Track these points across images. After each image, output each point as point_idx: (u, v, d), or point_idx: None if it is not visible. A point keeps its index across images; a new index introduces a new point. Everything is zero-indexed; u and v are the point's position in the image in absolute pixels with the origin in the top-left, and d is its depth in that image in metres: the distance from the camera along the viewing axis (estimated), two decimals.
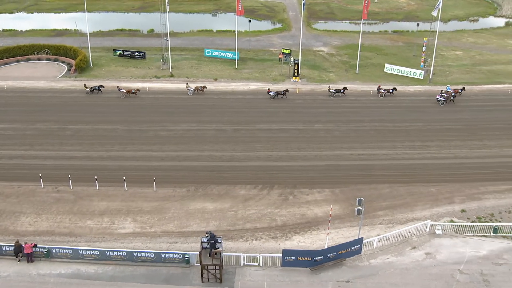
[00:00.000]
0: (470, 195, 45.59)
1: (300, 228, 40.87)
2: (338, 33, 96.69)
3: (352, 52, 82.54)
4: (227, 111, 60.95)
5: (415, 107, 63.83)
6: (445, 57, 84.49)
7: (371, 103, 64.48)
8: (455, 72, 77.70)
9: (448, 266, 37.20)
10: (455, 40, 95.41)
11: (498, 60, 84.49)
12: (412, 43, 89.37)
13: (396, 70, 75.25)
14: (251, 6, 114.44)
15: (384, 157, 51.66)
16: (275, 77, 72.00)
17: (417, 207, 43.74)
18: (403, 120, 59.88)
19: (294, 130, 56.83)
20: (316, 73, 74.46)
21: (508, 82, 73.92)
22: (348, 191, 45.49)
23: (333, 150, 52.56)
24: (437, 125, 59.11)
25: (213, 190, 45.46)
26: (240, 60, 77.15)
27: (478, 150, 53.72)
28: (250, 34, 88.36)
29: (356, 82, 71.28)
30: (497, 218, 42.69)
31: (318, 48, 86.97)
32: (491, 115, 62.34)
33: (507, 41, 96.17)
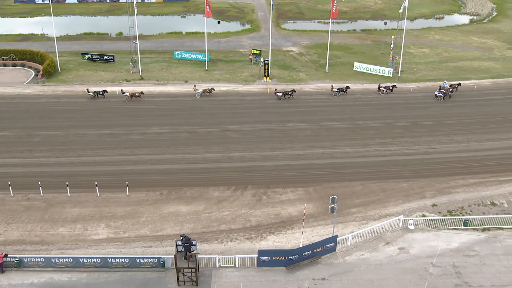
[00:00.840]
0: (440, 190, 46.41)
1: (274, 228, 40.98)
2: (307, 33, 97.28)
3: (322, 51, 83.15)
4: (198, 113, 60.72)
5: (384, 105, 64.66)
6: (412, 55, 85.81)
7: (341, 102, 65.05)
8: (423, 69, 78.98)
9: (421, 260, 37.79)
10: (422, 38, 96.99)
11: (463, 57, 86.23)
12: (380, 42, 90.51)
13: (365, 68, 76.12)
14: (220, 7, 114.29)
15: (356, 154, 52.19)
16: (246, 78, 72.05)
17: (390, 203, 44.32)
18: (373, 118, 60.58)
19: (266, 130, 56.96)
20: (286, 73, 74.78)
21: (473, 78, 75.51)
22: (321, 190, 45.80)
23: (305, 149, 52.85)
24: (406, 121, 60.00)
25: (187, 192, 45.24)
26: (210, 61, 76.95)
27: (447, 145, 54.73)
28: (219, 36, 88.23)
29: (326, 81, 71.81)
30: (467, 211, 43.56)
31: (287, 48, 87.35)
32: (458, 111, 63.58)
33: (471, 38, 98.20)
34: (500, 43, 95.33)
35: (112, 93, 65.46)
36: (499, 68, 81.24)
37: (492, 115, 62.59)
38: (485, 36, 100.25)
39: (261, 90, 67.68)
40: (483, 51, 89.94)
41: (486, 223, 41.53)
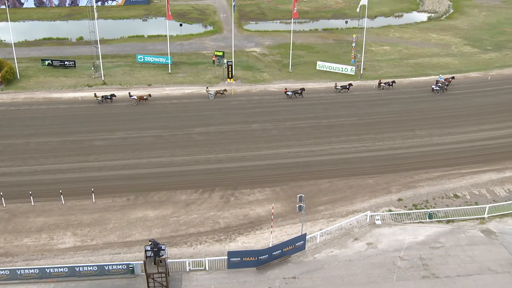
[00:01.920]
0: (405, 184, 47.25)
1: (243, 228, 40.98)
2: (269, 33, 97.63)
3: (285, 51, 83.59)
4: (163, 117, 60.22)
5: (348, 102, 65.44)
6: (374, 52, 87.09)
7: (305, 101, 65.51)
8: (384, 67, 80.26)
9: (389, 254, 38.39)
10: (383, 36, 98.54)
11: (423, 53, 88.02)
12: (342, 40, 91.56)
13: (328, 67, 76.86)
14: (181, 9, 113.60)
15: (322, 152, 52.65)
16: (210, 80, 71.82)
17: (356, 200, 44.88)
18: (337, 116, 61.24)
19: (231, 131, 56.91)
20: (250, 74, 74.90)
21: (433, 74, 77.10)
22: (288, 189, 46.04)
23: (271, 149, 53.03)
24: (369, 118, 60.87)
25: (154, 197, 44.80)
26: (173, 64, 76.41)
27: (410, 140, 55.78)
28: (182, 38, 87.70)
29: (290, 80, 72.24)
30: (431, 204, 44.48)
31: (250, 48, 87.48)
32: (419, 106, 64.88)
33: (430, 35, 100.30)
34: (457, 39, 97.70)
35: (73, 99, 64.28)
36: (457, 63, 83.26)
37: (452, 110, 64.11)
38: (443, 33, 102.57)
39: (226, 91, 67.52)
40: (441, 48, 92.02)
41: (450, 215, 42.53)
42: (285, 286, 35.32)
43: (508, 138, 56.84)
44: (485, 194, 46.43)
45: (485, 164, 51.10)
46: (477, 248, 39.16)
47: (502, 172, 49.82)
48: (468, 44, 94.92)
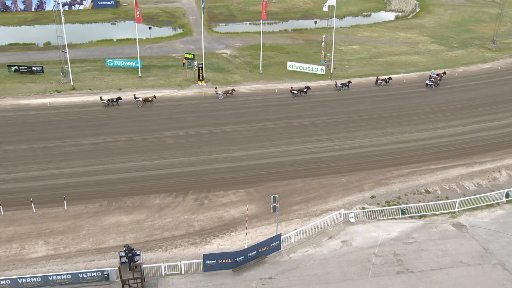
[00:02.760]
0: (377, 181, 47.82)
1: (218, 231, 40.87)
2: (239, 35, 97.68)
3: (255, 53, 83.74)
4: (134, 121, 59.65)
5: (319, 102, 65.92)
6: (343, 52, 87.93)
7: (276, 102, 65.75)
8: (354, 66, 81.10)
9: (363, 251, 38.77)
10: (352, 35, 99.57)
11: (391, 52, 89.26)
12: (312, 40, 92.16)
13: (298, 67, 77.28)
14: (150, 12, 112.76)
15: (295, 152, 52.89)
16: (180, 83, 71.47)
17: (330, 198, 45.21)
18: (309, 116, 61.61)
19: (204, 134, 56.72)
20: (221, 76, 74.79)
21: (402, 72, 78.34)
22: (262, 190, 46.11)
23: (244, 151, 53.04)
24: (340, 117, 61.41)
25: (127, 202, 44.34)
26: (143, 68, 75.78)
27: (382, 138, 56.47)
28: (151, 41, 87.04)
29: (261, 81, 72.40)
30: (403, 200, 45.11)
31: (221, 50, 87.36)
32: (389, 104, 65.77)
33: (398, 34, 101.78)
34: (424, 38, 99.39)
35: (42, 105, 63.17)
36: (425, 61, 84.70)
37: (420, 107, 65.19)
38: (410, 31, 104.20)
39: (197, 94, 67.37)
40: (409, 46, 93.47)
41: (422, 210, 43.22)
42: (262, 286, 35.36)
43: (476, 133, 58.09)
44: (455, 188, 47.33)
45: (454, 159, 52.10)
46: (449, 241, 39.88)
47: (470, 166, 50.86)
48: (435, 42, 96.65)
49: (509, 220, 42.68)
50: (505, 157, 52.80)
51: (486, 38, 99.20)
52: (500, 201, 45.06)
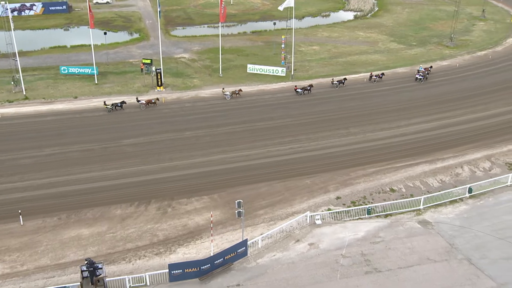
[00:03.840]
0: (342, 182, 48.36)
1: (183, 239, 40.54)
2: (197, 38, 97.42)
3: (214, 56, 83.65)
4: (91, 130, 58.62)
5: (281, 104, 66.32)
6: (303, 53, 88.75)
7: (238, 105, 65.83)
8: (314, 66, 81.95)
9: (331, 253, 39.10)
10: (311, 36, 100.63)
11: (351, 52, 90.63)
12: (271, 42, 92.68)
13: (258, 70, 77.57)
14: (105, 17, 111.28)
15: (258, 156, 52.99)
16: (139, 89, 70.69)
17: (295, 201, 45.46)
18: (271, 118, 61.87)
19: (164, 140, 56.22)
20: (180, 81, 74.37)
21: (363, 71, 79.62)
22: (226, 195, 45.99)
23: (206, 156, 52.82)
24: (303, 119, 61.92)
25: (87, 214, 43.49)
26: (99, 75, 74.63)
27: (345, 138, 57.18)
28: (107, 47, 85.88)
29: (221, 85, 72.25)
30: (369, 200, 45.76)
31: (179, 55, 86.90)
32: (351, 104, 66.71)
33: (357, 33, 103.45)
34: (384, 37, 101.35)
35: None
36: (385, 60, 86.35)
37: (382, 105, 66.39)
38: (369, 30, 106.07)
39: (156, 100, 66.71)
40: (369, 45, 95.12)
41: (387, 209, 43.93)
42: None
43: (437, 130, 59.49)
44: (419, 186, 48.31)
45: (418, 156, 53.21)
46: (416, 239, 40.64)
47: (433, 163, 52.03)
48: (394, 41, 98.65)
49: (473, 215, 43.84)
50: (466, 153, 54.24)
51: (444, 36, 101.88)
52: (463, 197, 46.25)
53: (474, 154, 54.05)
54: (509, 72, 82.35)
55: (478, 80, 77.76)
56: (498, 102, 68.75)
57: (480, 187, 47.31)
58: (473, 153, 54.35)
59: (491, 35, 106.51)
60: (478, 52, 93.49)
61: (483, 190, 47.22)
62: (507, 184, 48.32)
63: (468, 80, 77.63)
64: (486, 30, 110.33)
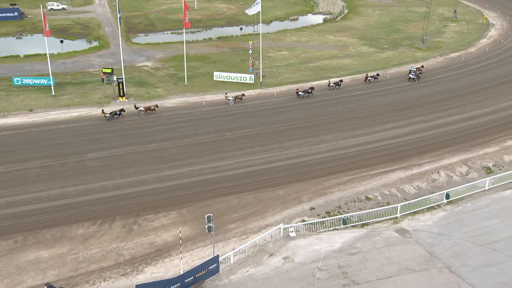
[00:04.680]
0: (316, 192, 48.62)
1: (151, 258, 40.09)
2: (161, 46, 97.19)
3: (179, 64, 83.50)
4: (49, 144, 57.66)
5: (251, 112, 66.50)
6: (272, 58, 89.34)
7: (205, 115, 65.73)
8: (284, 72, 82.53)
9: (307, 266, 39.17)
10: (280, 41, 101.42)
11: (321, 56, 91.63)
12: (238, 48, 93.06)
13: (226, 77, 77.69)
14: (61, 24, 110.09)
15: (227, 167, 52.92)
16: (99, 100, 69.95)
17: (268, 213, 45.48)
18: (240, 127, 61.95)
19: (128, 154, 55.67)
20: (143, 90, 73.91)
21: (334, 76, 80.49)
22: (195, 210, 45.73)
23: (173, 169, 52.49)
24: (273, 127, 62.17)
25: (46, 235, 42.63)
26: (57, 85, 73.61)
27: (317, 146, 57.58)
28: (64, 56, 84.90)
29: (187, 94, 72.16)
30: (344, 209, 46.09)
31: (142, 63, 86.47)
32: (322, 111, 67.32)
33: (327, 37, 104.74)
34: (354, 40, 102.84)
35: None
36: (356, 64, 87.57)
37: (354, 111, 67.23)
38: (339, 34, 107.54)
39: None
40: (339, 49, 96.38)
41: (364, 219, 44.33)
42: None
43: (412, 135, 60.46)
44: (395, 193, 48.92)
45: (393, 163, 53.92)
46: (394, 248, 41.06)
47: (409, 169, 52.80)
48: (365, 44, 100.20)
49: (451, 222, 44.58)
50: (442, 158, 55.23)
51: (416, 38, 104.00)
52: (441, 203, 47.01)
53: (450, 159, 55.09)
54: (483, 73, 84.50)
55: (452, 83, 79.48)
56: (473, 104, 70.38)
57: (457, 193, 48.18)
58: (450, 157, 55.39)
59: (463, 36, 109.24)
60: (451, 53, 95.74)
61: (460, 196, 48.11)
62: (484, 189, 49.35)
63: (442, 83, 79.27)
64: (458, 31, 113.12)
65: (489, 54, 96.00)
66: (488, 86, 78.19)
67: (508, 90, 76.85)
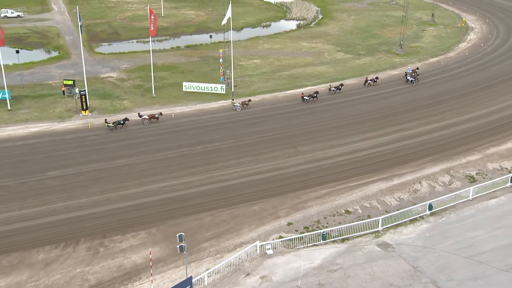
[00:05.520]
0: (293, 206, 48.65)
1: (119, 282, 39.53)
2: (126, 55, 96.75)
3: (145, 74, 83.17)
4: (6, 163, 56.60)
5: (222, 124, 66.45)
6: (244, 67, 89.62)
7: (174, 128, 65.43)
8: (256, 82, 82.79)
9: (286, 285, 39.06)
10: (252, 48, 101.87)
11: (296, 64, 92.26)
12: (208, 57, 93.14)
13: (196, 88, 77.57)
14: (17, 33, 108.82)
15: (199, 183, 52.66)
16: (61, 114, 69.12)
17: (243, 230, 45.30)
18: (212, 140, 61.79)
19: (93, 171, 55.00)
20: (108, 103, 73.31)
21: (309, 85, 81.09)
22: (166, 229, 45.31)
23: (142, 186, 52.01)
24: (247, 139, 62.17)
25: (3, 262, 41.68)
26: (13, 99, 72.49)
27: (293, 158, 57.71)
28: (21, 67, 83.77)
29: (155, 106, 71.80)
30: (323, 224, 46.18)
31: (106, 74, 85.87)
32: (298, 121, 67.62)
33: (301, 44, 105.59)
34: (330, 46, 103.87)
35: None
36: (332, 71, 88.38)
37: (332, 121, 67.67)
38: (314, 40, 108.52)
39: (81, 126, 65.45)
40: (314, 56, 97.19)
41: (344, 233, 44.45)
42: None
43: (392, 144, 61.08)
44: (376, 205, 49.24)
45: (373, 174, 54.32)
46: (376, 264, 41.24)
47: (390, 180, 53.24)
48: (341, 50, 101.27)
49: (435, 234, 45.00)
50: (424, 167, 55.86)
51: (393, 43, 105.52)
52: (424, 214, 47.44)
53: (432, 168, 55.74)
54: (463, 79, 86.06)
55: (431, 89, 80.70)
56: (453, 111, 71.53)
57: (440, 203, 48.72)
58: (431, 167, 56.05)
59: (442, 40, 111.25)
60: (430, 59, 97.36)
61: (444, 206, 48.66)
62: (468, 199, 50.01)
63: (421, 89, 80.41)
64: (436, 36, 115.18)
65: (469, 59, 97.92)
66: (468, 92, 79.62)
67: (488, 95, 78.40)
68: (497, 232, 45.35)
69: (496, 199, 50.62)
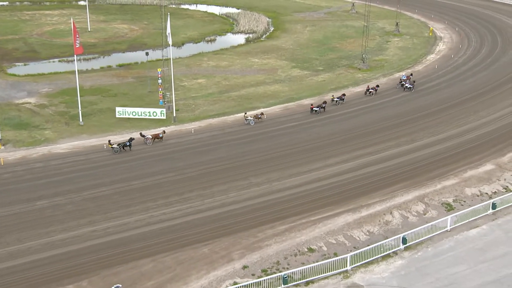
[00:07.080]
0: (249, 246, 48.25)
1: None
2: (46, 77, 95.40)
3: (71, 99, 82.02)
4: None
5: (163, 155, 65.86)
6: (187, 88, 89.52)
7: (107, 161, 64.49)
8: (202, 104, 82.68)
9: None
10: (195, 66, 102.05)
11: (246, 83, 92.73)
12: (145, 77, 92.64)
13: (131, 113, 76.87)
14: None
15: (138, 224, 51.79)
16: None
17: (191, 277, 44.60)
18: (152, 173, 61.10)
19: (8, 216, 53.33)
20: (26, 134, 71.73)
21: (262, 106, 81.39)
22: (99, 280, 44.17)
23: (69, 231, 50.74)
24: (192, 171, 61.70)
25: None
26: None
27: (246, 190, 57.49)
28: None
29: (83, 136, 70.67)
30: (284, 265, 45.88)
31: (22, 100, 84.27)
32: (251, 148, 67.57)
33: (251, 60, 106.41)
34: (283, 62, 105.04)
35: None
36: (287, 90, 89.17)
37: (288, 146, 67.92)
38: (265, 56, 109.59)
39: None
40: (266, 74, 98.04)
41: (308, 275, 44.17)
42: None
43: (358, 171, 61.58)
44: (343, 241, 49.29)
45: (338, 205, 54.51)
46: None
47: (357, 211, 53.52)
48: (296, 67, 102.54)
49: (412, 271, 45.24)
50: (395, 195, 56.44)
51: (354, 57, 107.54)
52: (397, 249, 47.69)
53: (404, 196, 56.35)
54: (433, 94, 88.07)
55: (398, 107, 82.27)
56: (424, 131, 72.91)
57: (415, 236, 49.06)
58: (403, 194, 56.67)
59: (408, 52, 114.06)
60: (396, 73, 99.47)
61: (419, 239, 49.04)
62: (446, 229, 50.60)
63: (388, 108, 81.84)
64: (402, 47, 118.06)
65: (439, 72, 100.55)
66: (440, 109, 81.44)
67: (462, 112, 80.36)
68: (481, 267, 45.86)
69: (477, 228, 51.40)
